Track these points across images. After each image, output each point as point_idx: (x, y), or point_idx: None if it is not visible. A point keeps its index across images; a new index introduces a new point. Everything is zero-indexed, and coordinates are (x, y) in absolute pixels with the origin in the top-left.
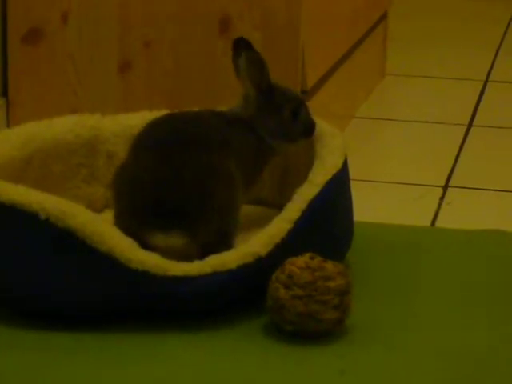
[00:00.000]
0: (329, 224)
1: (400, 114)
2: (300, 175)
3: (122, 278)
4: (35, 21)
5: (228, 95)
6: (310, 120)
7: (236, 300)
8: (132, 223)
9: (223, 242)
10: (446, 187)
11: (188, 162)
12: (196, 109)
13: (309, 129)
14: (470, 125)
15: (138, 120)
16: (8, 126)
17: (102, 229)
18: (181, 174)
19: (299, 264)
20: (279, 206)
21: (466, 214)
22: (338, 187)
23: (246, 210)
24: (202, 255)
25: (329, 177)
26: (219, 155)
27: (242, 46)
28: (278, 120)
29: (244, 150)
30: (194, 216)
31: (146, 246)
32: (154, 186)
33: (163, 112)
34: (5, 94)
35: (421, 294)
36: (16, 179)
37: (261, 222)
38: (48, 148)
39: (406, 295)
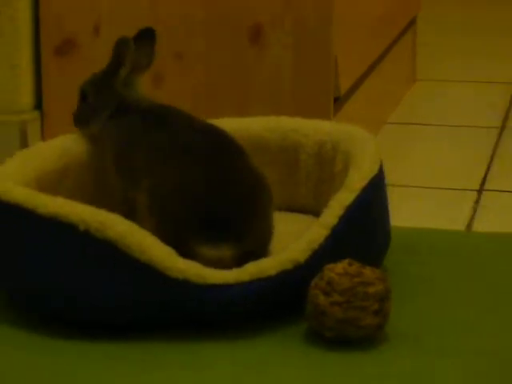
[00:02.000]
0: (366, 229)
1: (432, 119)
2: (335, 181)
3: (162, 287)
4: (68, 32)
5: (260, 104)
6: None
7: (275, 307)
8: (177, 235)
9: (262, 252)
10: (480, 191)
11: (236, 173)
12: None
13: None
14: (503, 127)
15: None
16: (43, 138)
17: (141, 238)
18: (231, 186)
19: (338, 270)
20: (315, 213)
21: (502, 217)
22: (375, 192)
23: (283, 217)
24: (238, 264)
25: (365, 182)
26: (253, 163)
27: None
28: None
29: None
30: (244, 227)
31: (190, 257)
32: (205, 197)
33: None
34: (39, 106)
35: (458, 298)
36: (52, 191)
37: (297, 229)
38: (83, 160)
39: (444, 299)
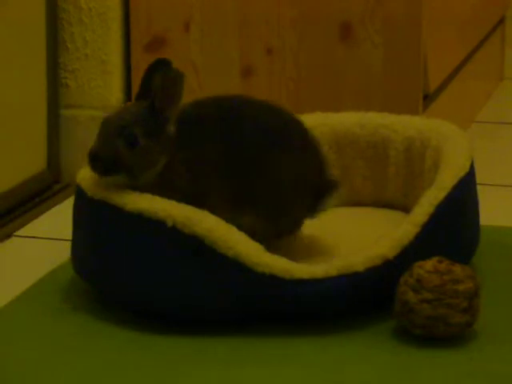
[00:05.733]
0: (456, 227)
1: None
2: (425, 177)
3: (250, 282)
4: (158, 29)
5: (349, 100)
6: None
7: (363, 303)
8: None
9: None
10: None
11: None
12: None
13: None
14: None
15: None
16: None
17: (228, 234)
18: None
19: (427, 267)
20: (403, 209)
21: None
22: (466, 190)
23: (371, 212)
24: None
25: (456, 180)
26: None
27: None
28: None
29: None
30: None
31: None
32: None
33: None
34: (129, 101)
35: None
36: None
37: (386, 225)
38: None
39: None
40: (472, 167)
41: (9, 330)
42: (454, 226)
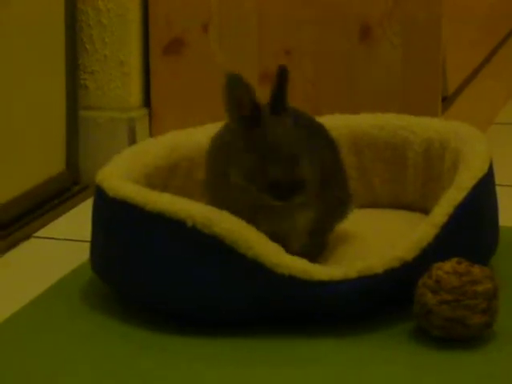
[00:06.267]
0: (475, 228)
1: None
2: (443, 179)
3: (269, 283)
4: (176, 31)
5: (367, 102)
6: None
7: (382, 305)
8: None
9: None
10: None
11: None
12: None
13: None
14: None
15: None
16: (150, 136)
17: (248, 235)
18: None
19: (446, 269)
20: (422, 210)
21: None
22: (485, 191)
23: (389, 214)
24: None
25: (475, 181)
26: None
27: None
28: None
29: None
30: None
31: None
32: None
33: None
34: (147, 104)
35: None
36: (162, 187)
37: (405, 227)
38: (192, 156)
39: None
40: (491, 169)
41: (28, 330)
42: (473, 226)
